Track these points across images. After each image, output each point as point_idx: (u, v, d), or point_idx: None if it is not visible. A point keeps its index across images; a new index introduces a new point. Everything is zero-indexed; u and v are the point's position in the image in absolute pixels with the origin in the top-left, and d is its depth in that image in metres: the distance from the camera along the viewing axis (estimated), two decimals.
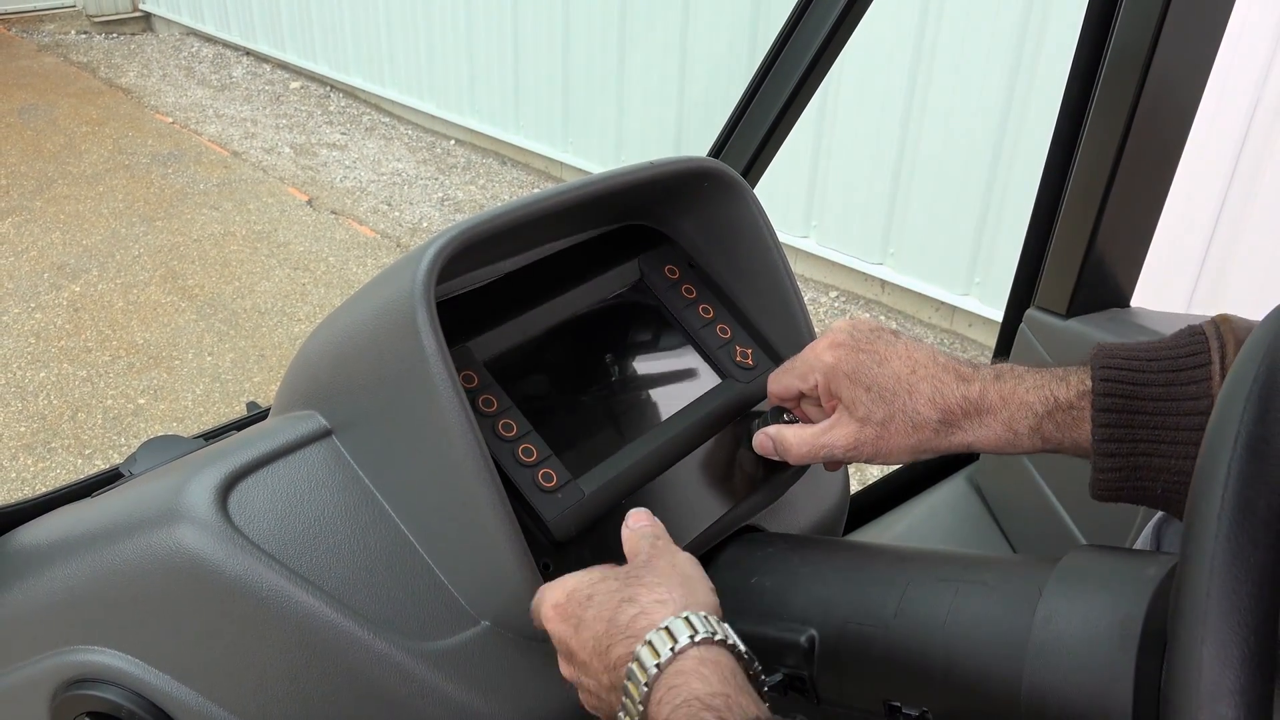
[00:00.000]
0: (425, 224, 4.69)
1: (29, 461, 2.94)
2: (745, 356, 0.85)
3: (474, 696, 0.69)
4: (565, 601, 0.61)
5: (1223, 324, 0.64)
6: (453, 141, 5.71)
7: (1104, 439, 0.64)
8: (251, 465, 0.73)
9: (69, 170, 5.06)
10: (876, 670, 0.65)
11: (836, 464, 0.77)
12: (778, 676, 0.68)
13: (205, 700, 0.72)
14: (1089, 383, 0.66)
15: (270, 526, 0.70)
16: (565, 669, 0.63)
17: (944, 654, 0.61)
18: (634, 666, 0.54)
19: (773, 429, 0.78)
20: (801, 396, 0.78)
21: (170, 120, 5.93)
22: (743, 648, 0.56)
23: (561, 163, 5.15)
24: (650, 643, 0.54)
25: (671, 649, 0.54)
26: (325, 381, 0.77)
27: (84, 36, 7.69)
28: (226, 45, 7.39)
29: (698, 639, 0.54)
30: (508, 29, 5.14)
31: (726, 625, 0.57)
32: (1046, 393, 0.67)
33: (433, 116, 5.79)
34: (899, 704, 0.63)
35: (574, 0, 4.76)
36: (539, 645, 0.72)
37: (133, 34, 7.88)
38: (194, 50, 7.44)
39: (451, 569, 0.72)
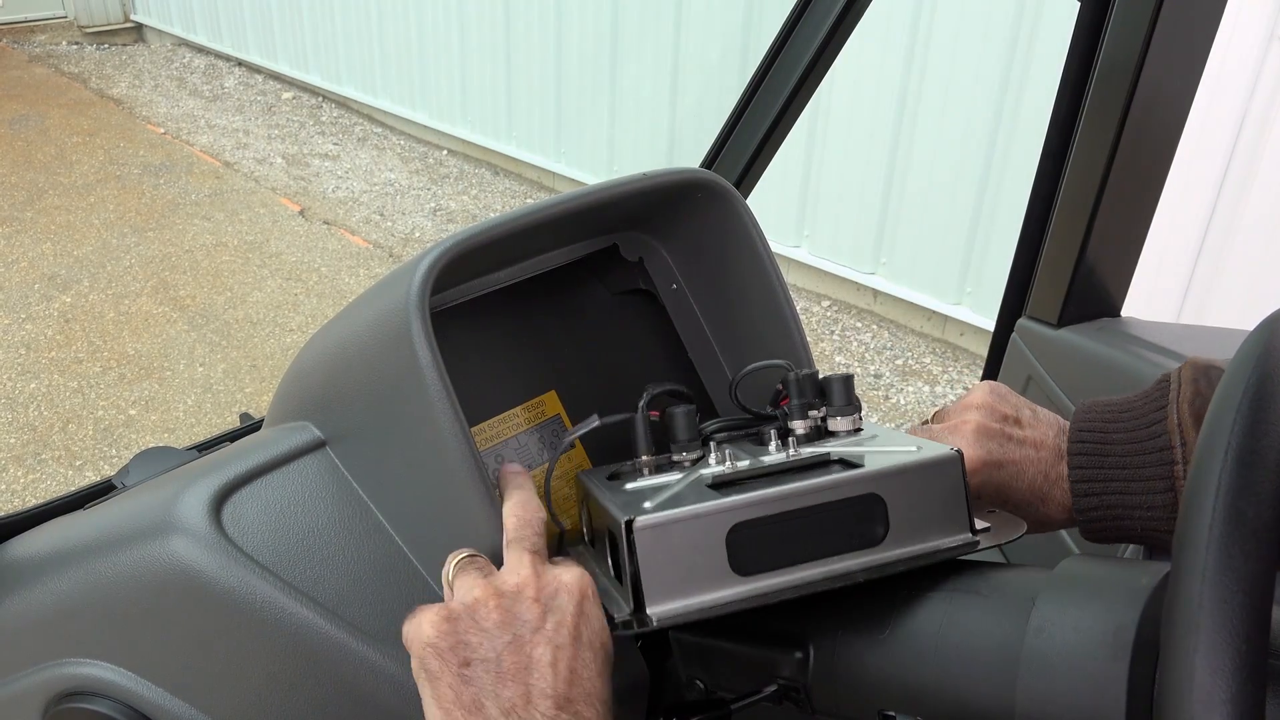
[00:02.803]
0: (418, 234, 4.69)
1: (19, 473, 2.93)
2: None
3: None
4: (449, 651, 0.57)
5: (1184, 368, 0.70)
6: (445, 152, 5.72)
7: (1079, 479, 0.71)
8: (245, 477, 0.73)
9: (60, 181, 5.05)
10: (870, 680, 0.65)
11: None
12: (773, 687, 0.68)
13: (198, 713, 0.71)
14: None
15: (264, 538, 0.70)
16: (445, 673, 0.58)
17: (938, 663, 0.61)
18: None
19: None
20: None
21: (162, 131, 5.92)
22: None
23: (554, 173, 5.16)
24: None
25: None
26: (319, 393, 0.77)
27: (75, 47, 7.68)
28: (219, 56, 7.39)
29: None
30: (500, 39, 5.15)
31: None
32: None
33: (425, 127, 5.80)
34: (893, 714, 0.63)
35: (566, 11, 4.78)
36: None
37: (124, 45, 7.87)
38: (186, 61, 7.44)
39: None
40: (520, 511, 0.64)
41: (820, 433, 0.72)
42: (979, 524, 0.68)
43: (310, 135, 5.96)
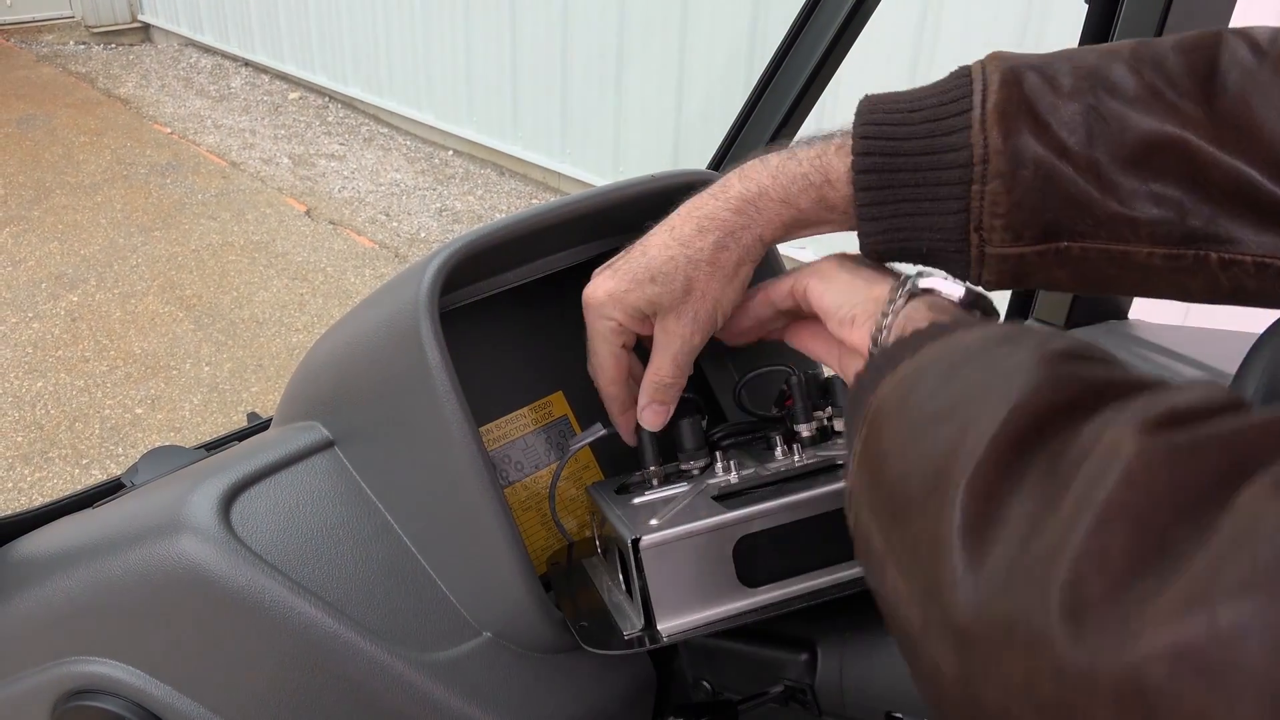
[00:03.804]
0: (423, 234, 4.70)
1: (26, 471, 2.94)
2: None
3: (474, 708, 0.69)
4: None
5: (989, 62, 0.59)
6: (451, 152, 5.73)
7: (865, 203, 0.61)
8: (254, 476, 0.73)
9: (67, 180, 5.07)
10: (877, 682, 0.65)
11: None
12: (779, 688, 0.68)
13: (206, 711, 0.72)
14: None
15: (273, 537, 0.70)
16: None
17: None
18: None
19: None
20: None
21: (168, 131, 5.94)
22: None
23: (559, 173, 5.17)
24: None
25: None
26: (328, 392, 0.77)
27: (82, 47, 7.71)
28: (225, 56, 7.40)
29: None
30: (506, 40, 5.16)
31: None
32: (820, 162, 0.63)
33: (431, 127, 5.81)
34: (900, 715, 0.64)
35: (573, 12, 4.78)
36: (540, 657, 0.72)
37: (131, 44, 7.89)
38: (192, 61, 7.46)
39: (453, 580, 0.72)
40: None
41: (827, 433, 0.73)
42: None
43: (316, 135, 5.97)
